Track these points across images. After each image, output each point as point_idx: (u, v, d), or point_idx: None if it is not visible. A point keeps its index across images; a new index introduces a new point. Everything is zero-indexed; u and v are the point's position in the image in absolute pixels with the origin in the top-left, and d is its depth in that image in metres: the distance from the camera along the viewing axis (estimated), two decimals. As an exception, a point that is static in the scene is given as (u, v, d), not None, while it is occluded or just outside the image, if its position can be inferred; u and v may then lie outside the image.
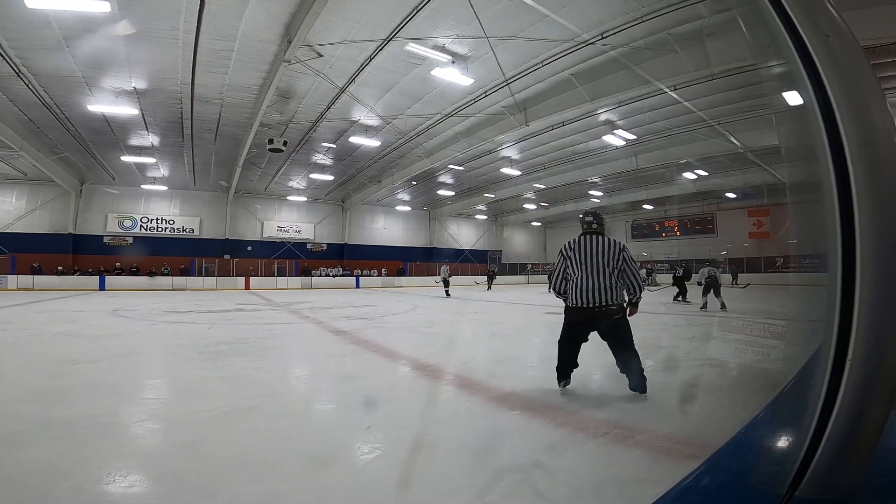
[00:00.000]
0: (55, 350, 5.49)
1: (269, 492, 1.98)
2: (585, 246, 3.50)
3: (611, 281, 3.37)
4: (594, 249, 3.46)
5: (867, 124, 0.92)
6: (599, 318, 3.38)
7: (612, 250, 3.43)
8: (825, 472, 0.98)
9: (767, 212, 26.27)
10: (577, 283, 3.46)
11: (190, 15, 9.23)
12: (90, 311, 10.77)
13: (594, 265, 3.41)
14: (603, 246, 3.46)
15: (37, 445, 2.44)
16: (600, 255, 3.42)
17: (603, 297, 3.35)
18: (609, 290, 3.36)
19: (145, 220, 25.34)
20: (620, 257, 3.41)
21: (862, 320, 0.89)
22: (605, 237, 3.53)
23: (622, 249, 3.45)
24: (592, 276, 3.39)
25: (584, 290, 3.40)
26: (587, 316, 3.41)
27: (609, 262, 3.39)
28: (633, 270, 3.43)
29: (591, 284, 3.38)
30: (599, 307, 3.36)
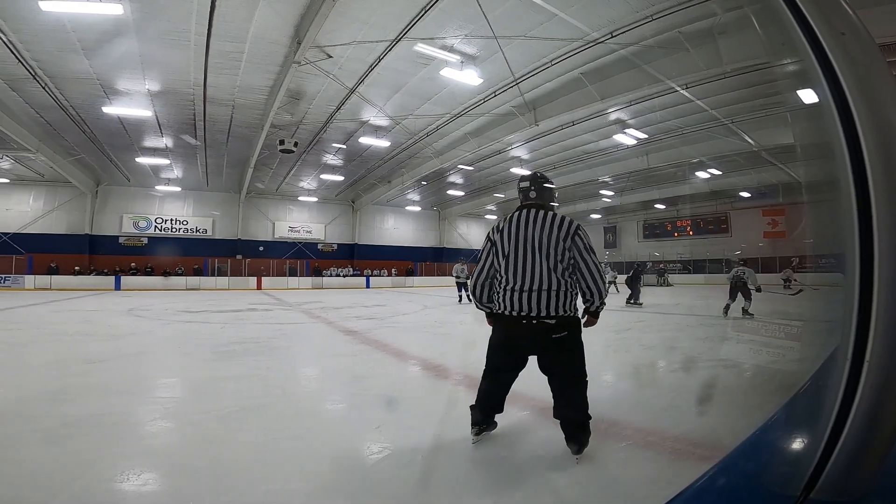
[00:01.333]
0: (71, 349, 5.59)
1: (278, 490, 2.00)
2: (518, 225, 2.38)
3: (552, 278, 2.27)
4: (530, 230, 2.34)
5: (885, 122, 0.91)
6: (535, 337, 2.29)
7: (559, 232, 2.29)
8: (841, 474, 0.97)
9: (783, 211, 25.87)
10: (503, 280, 2.38)
11: (201, 17, 9.34)
12: (105, 311, 10.94)
13: (528, 253, 2.32)
14: (544, 225, 2.32)
15: (51, 444, 2.48)
16: (538, 237, 2.31)
17: (539, 303, 2.25)
18: (549, 292, 2.26)
19: (159, 220, 25.68)
20: (570, 242, 2.29)
21: (880, 321, 0.88)
22: (551, 213, 2.41)
23: (576, 232, 2.30)
24: (524, 270, 2.31)
25: (511, 292, 2.33)
26: (517, 331, 2.33)
27: (552, 249, 2.28)
28: (590, 264, 2.30)
29: (522, 282, 2.30)
30: (532, 318, 2.27)
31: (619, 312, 10.03)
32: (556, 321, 2.25)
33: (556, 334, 2.26)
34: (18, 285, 20.60)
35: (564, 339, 2.29)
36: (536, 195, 2.49)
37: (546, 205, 2.48)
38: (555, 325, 2.26)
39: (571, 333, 2.32)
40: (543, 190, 2.52)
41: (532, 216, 2.37)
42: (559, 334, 2.27)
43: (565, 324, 2.28)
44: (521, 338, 2.34)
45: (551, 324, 2.25)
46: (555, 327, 2.26)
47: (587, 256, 2.31)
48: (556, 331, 2.26)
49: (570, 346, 2.33)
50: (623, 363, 5.11)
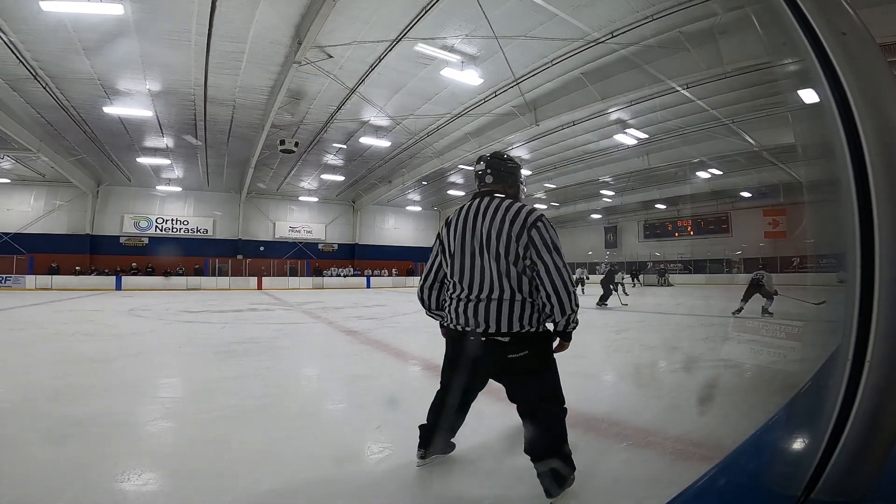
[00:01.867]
0: (72, 349, 5.60)
1: (279, 490, 2.00)
2: (466, 218, 1.93)
3: (502, 285, 1.81)
4: (478, 224, 1.87)
5: (886, 122, 0.91)
6: (488, 358, 1.86)
7: (510, 226, 1.81)
8: (841, 474, 0.97)
9: (783, 211, 25.83)
10: (450, 286, 1.99)
11: (202, 17, 9.35)
12: (107, 311, 10.95)
13: (475, 254, 1.86)
14: (494, 217, 1.85)
15: (52, 443, 2.48)
16: (486, 233, 1.84)
17: (488, 316, 1.81)
18: (499, 302, 1.81)
19: (160, 220, 25.71)
20: (526, 239, 1.78)
21: (881, 321, 0.88)
22: (508, 202, 1.90)
23: (533, 225, 1.79)
24: (471, 275, 1.87)
25: (457, 301, 1.91)
26: (467, 348, 1.89)
27: (501, 248, 1.80)
28: (550, 268, 1.76)
29: (469, 290, 1.87)
30: (481, 334, 1.83)
31: (619, 313, 10.02)
32: (510, 338, 1.80)
33: (512, 354, 1.81)
34: (19, 285, 20.62)
35: (525, 360, 1.82)
36: (493, 179, 2.00)
37: (505, 191, 2.00)
38: (509, 344, 1.81)
39: (535, 352, 1.84)
40: (502, 173, 2.01)
41: (483, 207, 1.90)
42: (516, 354, 1.81)
43: (525, 341, 1.81)
44: (471, 358, 1.89)
45: (504, 342, 1.80)
46: (509, 346, 1.81)
47: (546, 257, 1.76)
48: (511, 350, 1.81)
49: (535, 366, 1.85)
50: (624, 363, 5.12)
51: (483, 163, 2.04)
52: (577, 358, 5.33)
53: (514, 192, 2.05)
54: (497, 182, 2.01)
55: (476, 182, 2.07)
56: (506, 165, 2.04)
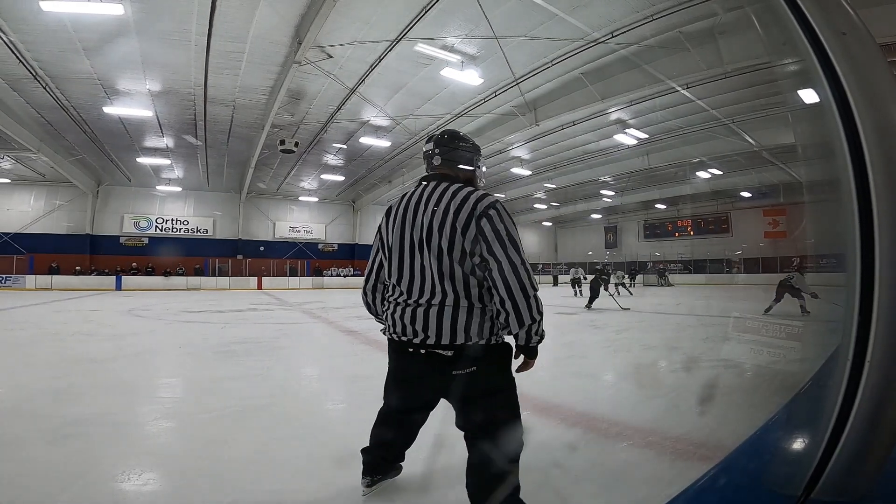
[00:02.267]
0: (72, 349, 5.59)
1: (279, 490, 2.00)
2: (408, 207, 1.61)
3: (444, 288, 1.49)
4: (419, 214, 1.55)
5: (886, 122, 0.91)
6: (430, 374, 1.57)
7: (455, 217, 1.48)
8: (841, 474, 0.97)
9: (783, 211, 25.87)
10: (389, 288, 1.68)
11: (202, 17, 9.35)
12: (106, 311, 10.95)
13: (414, 250, 1.55)
14: (438, 205, 1.52)
15: (52, 443, 2.48)
16: (426, 225, 1.52)
17: (427, 324, 1.50)
18: (440, 308, 1.49)
19: (160, 220, 25.71)
20: (475, 229, 1.46)
21: (881, 321, 0.88)
22: (455, 186, 1.56)
23: (484, 214, 1.46)
24: (411, 275, 1.57)
25: (395, 305, 1.62)
26: (406, 364, 1.64)
27: (444, 243, 1.48)
28: (504, 266, 1.43)
29: (408, 293, 1.57)
30: (420, 346, 1.52)
31: (619, 313, 10.02)
32: (454, 352, 1.47)
33: (457, 370, 1.48)
34: (19, 285, 20.62)
35: (473, 379, 1.49)
36: (443, 161, 1.67)
37: (457, 176, 1.66)
38: (453, 358, 1.48)
39: (485, 369, 1.50)
40: (454, 153, 1.68)
41: (427, 194, 1.56)
42: (462, 370, 1.48)
43: (473, 355, 1.48)
44: (413, 374, 1.63)
45: (447, 356, 1.48)
46: (453, 360, 1.48)
47: (499, 252, 1.42)
48: (456, 365, 1.48)
49: (485, 387, 1.52)
50: (624, 363, 5.12)
51: (432, 142, 1.71)
52: (578, 358, 5.34)
53: (470, 177, 1.71)
54: (447, 164, 1.68)
55: (425, 165, 1.74)
56: (458, 145, 1.70)
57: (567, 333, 7.39)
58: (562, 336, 7.16)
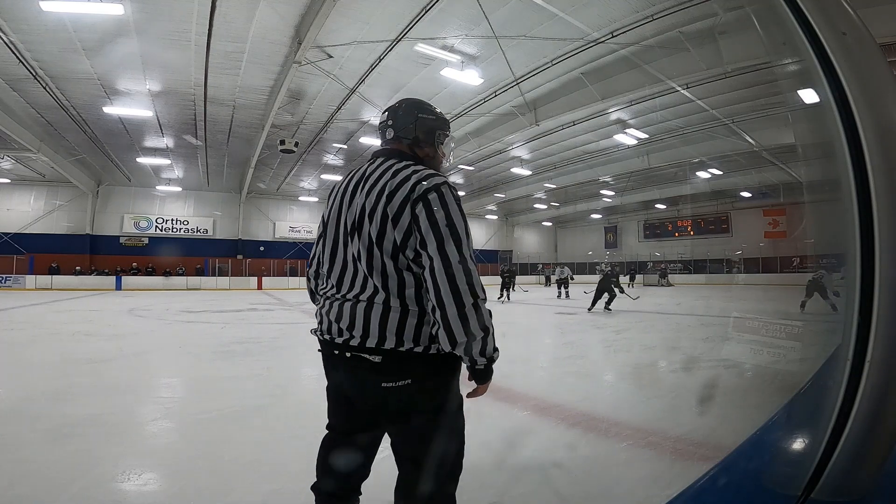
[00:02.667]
0: (72, 349, 5.59)
1: (279, 490, 2.00)
2: (347, 187, 1.35)
3: (374, 284, 1.23)
4: (357, 196, 1.29)
5: (885, 122, 0.91)
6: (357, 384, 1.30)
7: (389, 200, 1.21)
8: (842, 474, 0.97)
9: (783, 211, 25.87)
10: (324, 281, 1.42)
11: (202, 17, 9.35)
12: (107, 311, 10.95)
13: (348, 236, 1.30)
14: (374, 185, 1.26)
15: (52, 443, 2.48)
16: (359, 209, 1.27)
17: (353, 322, 1.24)
18: (369, 304, 1.23)
19: (160, 220, 25.69)
20: (409, 216, 1.19)
21: (881, 321, 0.88)
22: (401, 163, 1.29)
23: (424, 195, 1.19)
24: (340, 267, 1.33)
25: (324, 300, 1.38)
26: (338, 368, 1.35)
27: (374, 231, 1.23)
28: (439, 265, 1.14)
29: (336, 286, 1.34)
30: (345, 347, 1.25)
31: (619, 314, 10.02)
32: (383, 358, 1.19)
33: (387, 381, 1.19)
34: (19, 285, 20.62)
35: (406, 395, 1.20)
36: (395, 134, 1.38)
37: (412, 152, 1.37)
38: (381, 366, 1.19)
39: (422, 385, 1.21)
40: (409, 126, 1.38)
41: (370, 171, 1.30)
42: (393, 382, 1.19)
43: (406, 365, 1.19)
44: (343, 383, 1.35)
45: (374, 362, 1.19)
46: (381, 368, 1.19)
47: (433, 246, 1.14)
48: (386, 375, 1.19)
49: (422, 405, 1.23)
50: (623, 363, 5.12)
51: (386, 112, 1.43)
52: (578, 358, 5.34)
53: (429, 154, 1.41)
54: (399, 138, 1.38)
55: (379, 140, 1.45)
56: (417, 116, 1.40)
57: (567, 333, 7.40)
58: (562, 336, 7.17)
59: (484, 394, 1.29)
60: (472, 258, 1.19)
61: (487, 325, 1.16)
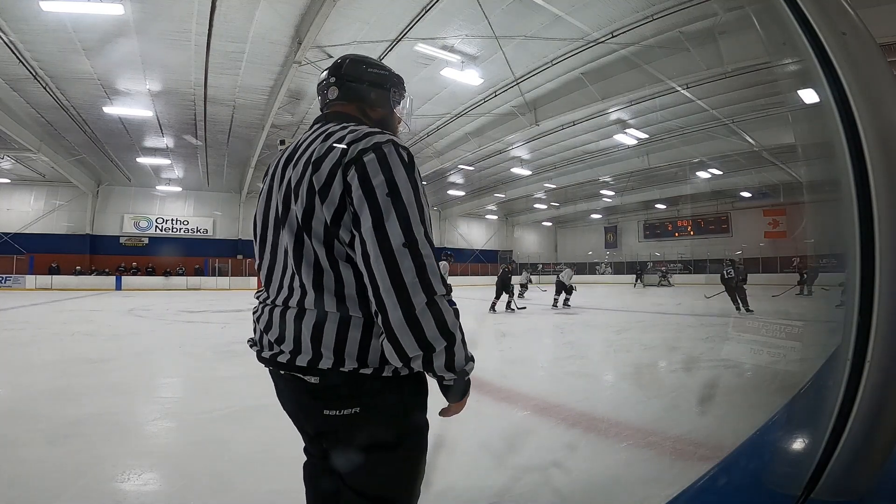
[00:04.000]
0: (72, 349, 5.60)
1: (281, 490, 2.00)
2: (279, 162, 1.06)
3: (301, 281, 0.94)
4: (290, 168, 0.98)
5: (886, 122, 0.91)
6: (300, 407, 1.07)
7: (319, 166, 0.91)
8: (842, 474, 0.97)
9: (783, 211, 25.87)
10: None
11: (202, 17, 9.35)
12: (107, 311, 10.95)
13: (277, 223, 1.01)
14: (304, 154, 0.96)
15: (53, 443, 2.48)
16: (288, 187, 0.97)
17: (284, 334, 0.96)
18: (300, 312, 0.94)
19: (160, 220, 25.68)
20: (341, 187, 0.88)
21: (881, 321, 0.88)
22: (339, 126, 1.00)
23: (358, 157, 0.88)
24: (270, 263, 1.05)
25: (258, 306, 1.11)
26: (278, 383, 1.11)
27: (302, 211, 0.92)
28: (374, 249, 0.84)
29: (268, 290, 1.07)
30: (279, 364, 0.97)
31: (617, 313, 10.02)
32: (320, 379, 0.93)
33: (329, 409, 0.94)
34: (19, 285, 20.61)
35: (355, 426, 0.94)
36: (339, 94, 1.13)
37: (363, 115, 1.14)
38: (319, 389, 0.94)
39: (373, 415, 0.94)
40: (357, 82, 1.13)
41: (301, 141, 1.05)
42: (336, 411, 0.93)
43: (354, 389, 0.93)
44: (286, 403, 1.14)
45: (311, 383, 0.94)
46: (319, 393, 0.94)
47: (368, 225, 0.86)
48: (327, 402, 0.94)
49: (371, 439, 0.94)
50: (623, 363, 5.12)
51: (327, 71, 1.16)
52: (577, 358, 5.34)
53: (384, 117, 1.17)
54: (346, 98, 1.13)
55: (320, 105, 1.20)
56: (366, 71, 1.15)
57: (567, 333, 7.40)
58: (562, 336, 7.17)
59: (459, 412, 1.02)
60: (429, 239, 0.89)
61: (452, 331, 0.87)
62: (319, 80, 1.17)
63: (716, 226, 29.55)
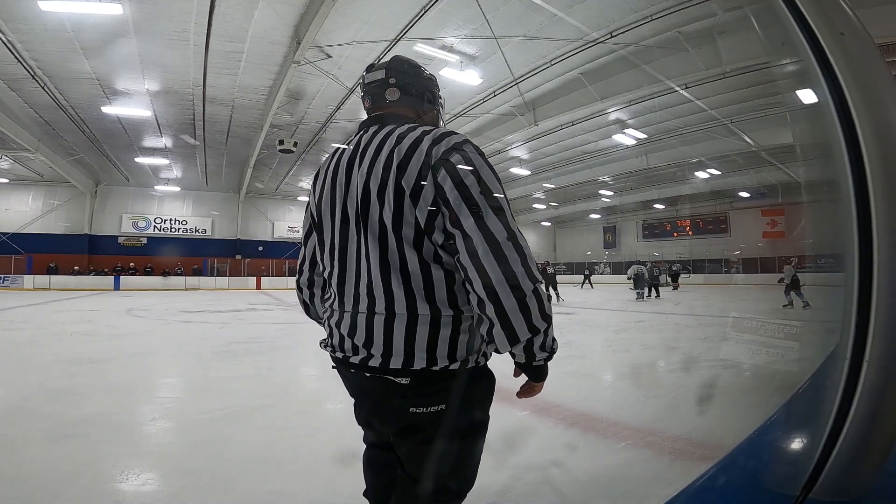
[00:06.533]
0: (71, 349, 5.58)
1: (281, 490, 2.00)
2: (338, 166, 1.10)
3: (391, 286, 0.97)
4: (356, 174, 1.03)
5: (884, 122, 0.91)
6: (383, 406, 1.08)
7: (404, 167, 0.95)
8: (840, 474, 0.97)
9: (781, 211, 25.90)
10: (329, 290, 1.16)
11: (200, 17, 9.34)
12: (105, 311, 10.93)
13: (346, 228, 1.05)
14: (377, 157, 0.99)
15: (52, 443, 2.48)
16: (361, 189, 1.00)
17: (371, 338, 0.99)
18: (388, 315, 0.97)
19: (159, 220, 25.67)
20: (432, 186, 0.93)
21: (879, 321, 0.88)
22: (403, 127, 1.03)
23: (446, 156, 0.94)
24: (343, 266, 1.06)
25: (332, 309, 1.13)
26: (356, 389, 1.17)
27: (391, 213, 0.95)
28: (481, 244, 0.90)
29: (342, 292, 1.07)
30: (365, 368, 1.00)
31: (617, 313, 10.03)
32: (411, 380, 0.97)
33: (416, 407, 0.99)
34: (18, 285, 20.58)
35: (438, 419, 1.00)
36: (402, 95, 1.14)
37: (419, 117, 1.16)
38: (408, 389, 0.98)
39: (458, 407, 1.01)
40: (417, 82, 1.17)
41: (366, 142, 1.06)
42: (424, 408, 0.99)
43: (441, 386, 0.99)
44: (364, 402, 1.20)
45: (400, 384, 0.98)
46: (409, 392, 0.99)
47: (470, 221, 0.91)
48: (414, 400, 0.99)
49: (453, 430, 1.01)
50: (623, 363, 5.12)
51: (382, 69, 1.15)
52: (577, 358, 5.34)
53: (433, 120, 1.21)
54: (408, 99, 1.14)
55: (367, 105, 1.21)
56: (421, 73, 1.19)
57: (566, 333, 7.40)
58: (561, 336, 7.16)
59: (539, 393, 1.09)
60: (520, 231, 0.97)
61: (549, 314, 0.93)
62: (371, 80, 1.17)
63: (714, 226, 29.57)
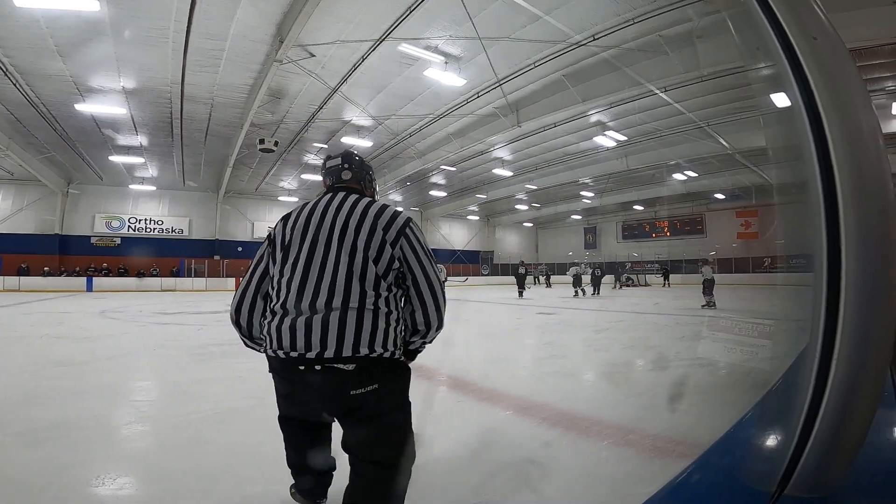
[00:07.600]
0: (42, 352, 5.41)
1: (261, 493, 1.97)
2: (314, 211, 1.51)
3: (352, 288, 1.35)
4: (333, 214, 1.48)
5: (852, 125, 0.93)
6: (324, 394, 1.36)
7: (375, 221, 1.44)
8: (813, 469, 0.99)
9: (755, 212, 26.57)
10: (275, 297, 1.45)
11: (180, 14, 9.15)
12: (78, 313, 10.62)
13: (323, 249, 1.42)
14: (354, 208, 1.48)
15: (24, 448, 2.40)
16: (341, 225, 1.44)
17: (325, 334, 1.30)
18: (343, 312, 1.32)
19: (133, 220, 25.05)
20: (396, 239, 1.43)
21: (847, 319, 0.90)
22: (368, 199, 1.56)
23: (406, 226, 1.47)
24: (311, 277, 1.39)
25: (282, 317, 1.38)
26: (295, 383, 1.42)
27: (361, 242, 1.40)
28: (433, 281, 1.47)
29: (300, 298, 1.37)
30: (315, 361, 1.30)
31: (597, 312, 10.15)
32: (356, 366, 1.28)
33: (355, 389, 1.29)
34: (-15, 287, 19.87)
35: (374, 399, 1.32)
36: (353, 176, 1.65)
37: (365, 192, 1.68)
38: (352, 374, 1.28)
39: (385, 389, 1.35)
40: (363, 171, 1.70)
41: (339, 201, 1.50)
42: (362, 388, 1.30)
43: (375, 370, 1.32)
44: (303, 393, 1.41)
45: (347, 371, 1.28)
46: (352, 377, 1.29)
47: (427, 266, 1.45)
48: (355, 383, 1.29)
49: (386, 406, 1.38)
50: (603, 362, 5.18)
51: (339, 158, 1.68)
52: (558, 357, 5.39)
53: (371, 193, 1.74)
54: (356, 179, 1.67)
55: (327, 180, 1.68)
56: (366, 168, 1.73)
57: (547, 333, 7.46)
58: (542, 336, 7.22)
59: None
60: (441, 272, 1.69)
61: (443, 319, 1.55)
62: (331, 165, 1.68)
63: (691, 227, 30.19)
